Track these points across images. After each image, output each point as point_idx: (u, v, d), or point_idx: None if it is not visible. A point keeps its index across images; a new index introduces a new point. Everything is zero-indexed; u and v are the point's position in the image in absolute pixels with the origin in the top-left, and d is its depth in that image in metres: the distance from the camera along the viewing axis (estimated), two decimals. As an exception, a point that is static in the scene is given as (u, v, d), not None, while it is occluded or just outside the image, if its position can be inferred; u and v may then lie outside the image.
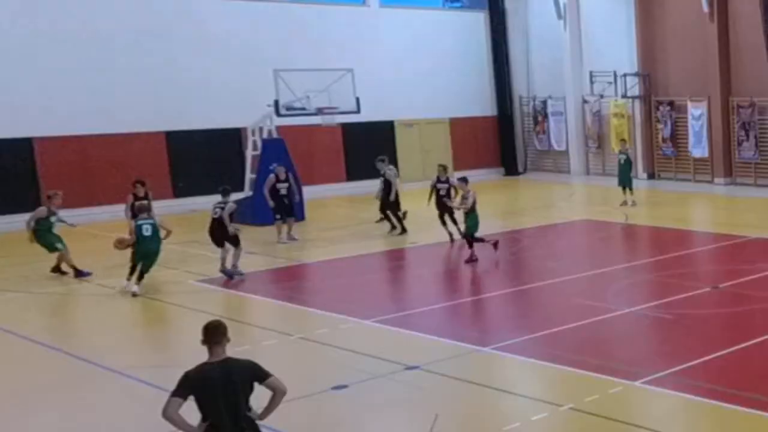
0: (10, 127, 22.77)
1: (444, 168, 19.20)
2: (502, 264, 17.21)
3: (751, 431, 8.32)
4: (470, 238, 16.44)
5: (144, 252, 14.48)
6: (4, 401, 9.70)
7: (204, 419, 5.95)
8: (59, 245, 16.05)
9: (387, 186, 19.73)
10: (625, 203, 23.29)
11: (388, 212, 19.92)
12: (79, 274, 15.90)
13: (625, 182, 23.56)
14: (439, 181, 18.76)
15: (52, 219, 16.07)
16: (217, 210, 15.50)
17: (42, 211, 16.10)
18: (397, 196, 19.81)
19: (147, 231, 14.40)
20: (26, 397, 9.82)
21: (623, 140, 26.57)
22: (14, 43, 23.02)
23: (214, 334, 6.02)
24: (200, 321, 6.48)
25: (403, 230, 19.58)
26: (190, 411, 5.90)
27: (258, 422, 6.15)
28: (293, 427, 8.18)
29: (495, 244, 16.73)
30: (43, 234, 15.97)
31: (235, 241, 15.50)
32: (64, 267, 16.13)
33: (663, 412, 8.80)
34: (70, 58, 23.78)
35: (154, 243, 14.55)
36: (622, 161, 23.70)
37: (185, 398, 5.84)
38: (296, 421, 8.32)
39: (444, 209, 18.34)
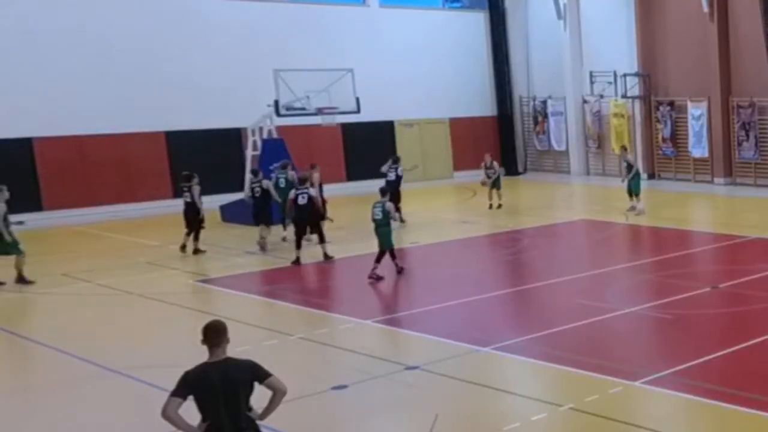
0: (10, 127, 22.79)
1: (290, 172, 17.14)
2: (502, 264, 17.22)
3: (751, 431, 8.32)
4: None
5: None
6: (4, 401, 9.70)
7: (204, 419, 5.95)
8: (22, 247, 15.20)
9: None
10: (633, 208, 22.01)
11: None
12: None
13: (631, 187, 22.21)
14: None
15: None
16: (258, 189, 18.17)
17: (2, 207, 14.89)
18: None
19: None
20: (26, 396, 9.82)
21: (624, 147, 24.94)
22: (15, 44, 23.03)
23: (214, 334, 6.01)
24: (200, 321, 6.48)
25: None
26: (190, 411, 5.90)
27: (258, 422, 6.15)
28: (293, 427, 8.18)
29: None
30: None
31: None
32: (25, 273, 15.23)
33: (663, 412, 8.80)
34: (70, 59, 23.81)
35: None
36: (626, 167, 22.71)
37: (185, 398, 5.83)
38: (296, 421, 8.32)
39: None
